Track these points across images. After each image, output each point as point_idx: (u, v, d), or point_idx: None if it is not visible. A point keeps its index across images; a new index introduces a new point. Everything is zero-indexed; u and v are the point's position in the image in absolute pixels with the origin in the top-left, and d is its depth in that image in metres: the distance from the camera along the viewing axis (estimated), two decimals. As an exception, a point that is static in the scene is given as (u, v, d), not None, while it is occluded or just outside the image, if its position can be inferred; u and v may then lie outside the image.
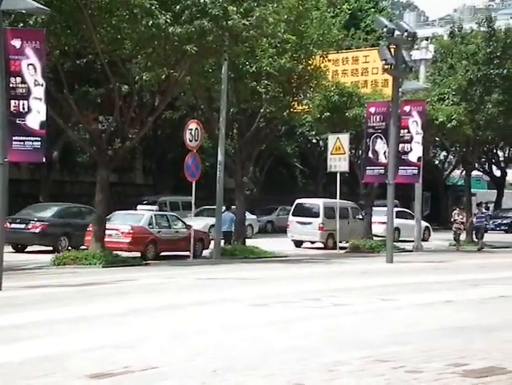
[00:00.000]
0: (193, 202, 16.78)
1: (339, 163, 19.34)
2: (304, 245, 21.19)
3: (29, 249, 17.41)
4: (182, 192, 23.44)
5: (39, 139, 10.26)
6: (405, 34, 15.29)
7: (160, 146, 28.19)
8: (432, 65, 24.67)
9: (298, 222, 20.73)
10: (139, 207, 17.49)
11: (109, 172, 15.22)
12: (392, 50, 15.61)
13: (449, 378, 4.58)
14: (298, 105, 18.90)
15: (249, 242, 18.63)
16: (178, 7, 13.32)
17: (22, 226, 17.21)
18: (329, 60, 18.71)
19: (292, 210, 21.44)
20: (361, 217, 21.33)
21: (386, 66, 15.61)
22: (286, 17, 16.33)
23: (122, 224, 15.98)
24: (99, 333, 6.35)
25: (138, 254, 16.03)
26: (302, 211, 20.89)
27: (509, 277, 12.03)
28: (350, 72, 22.66)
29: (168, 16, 12.89)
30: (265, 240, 20.78)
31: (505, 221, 31.14)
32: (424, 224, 25.32)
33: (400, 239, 22.64)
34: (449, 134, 21.64)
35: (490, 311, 7.83)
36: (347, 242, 20.34)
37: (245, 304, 8.37)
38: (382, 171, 16.24)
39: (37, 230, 17.10)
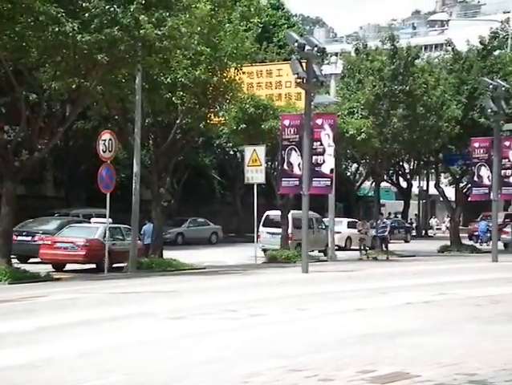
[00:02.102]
0: (107, 214, 16.40)
1: (255, 174, 19.59)
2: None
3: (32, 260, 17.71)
4: (97, 205, 22.82)
5: None
6: (315, 49, 15.77)
7: (73, 157, 27.31)
8: (341, 80, 25.62)
9: (268, 232, 21.64)
10: (93, 220, 17.77)
11: (16, 184, 14.58)
12: (304, 64, 16.05)
13: (358, 384, 4.74)
14: (215, 117, 18.96)
15: (171, 254, 18.49)
16: (87, 15, 13.01)
17: (29, 238, 18.30)
18: (243, 73, 18.92)
19: (262, 221, 22.41)
20: (324, 227, 22.56)
21: (298, 80, 16.01)
22: (199, 29, 16.40)
23: (77, 236, 16.56)
24: (2, 353, 6.02)
25: (93, 266, 16.35)
26: (272, 222, 21.96)
27: (415, 284, 12.63)
28: (264, 85, 23.05)
29: (75, 24, 12.56)
30: (190, 252, 20.71)
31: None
32: (372, 234, 26.94)
33: (352, 248, 23.73)
34: (359, 146, 22.48)
35: (398, 318, 8.18)
36: (312, 251, 21.37)
37: (161, 317, 8.25)
38: (297, 182, 16.59)
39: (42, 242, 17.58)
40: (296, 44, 15.94)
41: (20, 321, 8.10)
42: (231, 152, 31.31)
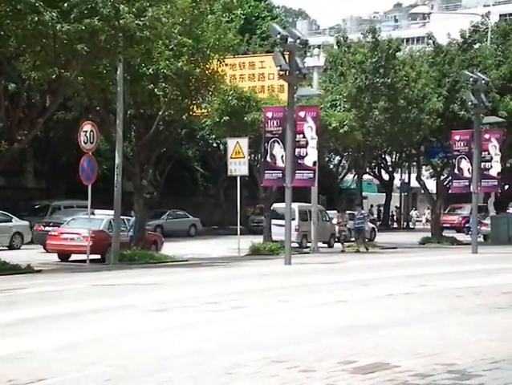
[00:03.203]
0: (88, 206, 16.32)
1: (238, 167, 19.58)
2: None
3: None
4: (78, 196, 22.66)
5: None
6: (298, 41, 15.76)
7: (53, 148, 27.05)
8: (324, 73, 25.66)
9: (275, 224, 21.90)
10: (97, 212, 18.23)
11: (-4, 176, 14.43)
12: (287, 56, 16.02)
13: (339, 375, 4.77)
14: (197, 108, 18.88)
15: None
16: (66, 5, 12.85)
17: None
18: (226, 64, 18.85)
19: (270, 213, 22.80)
20: (328, 219, 23.58)
21: (281, 73, 16.00)
22: (181, 20, 16.29)
23: (83, 228, 16.86)
24: (-18, 347, 5.97)
25: (98, 256, 16.81)
26: (279, 214, 22.18)
27: (396, 276, 12.74)
28: (247, 77, 22.99)
29: (54, 13, 12.39)
30: (169, 244, 20.64)
31: None
32: (370, 225, 28.06)
33: (352, 239, 24.24)
34: (341, 139, 22.56)
35: (379, 310, 8.25)
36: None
37: (143, 310, 8.23)
38: (280, 174, 16.61)
39: None
40: (279, 36, 15.90)
41: (1, 313, 8.02)
42: (214, 144, 31.22)
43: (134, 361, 5.33)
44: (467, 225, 30.71)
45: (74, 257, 17.43)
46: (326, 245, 23.12)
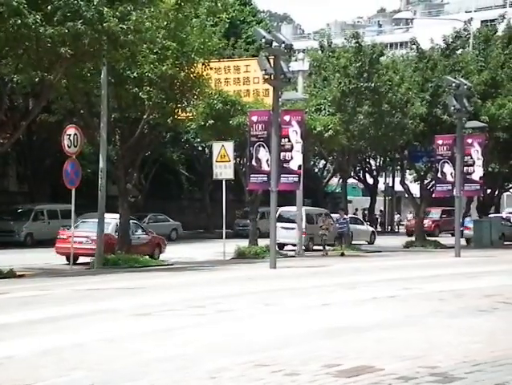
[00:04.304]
0: (72, 210, 16.21)
1: (224, 170, 19.57)
2: (286, 247, 23.36)
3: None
4: (61, 200, 22.49)
5: None
6: (282, 45, 15.82)
7: (36, 152, 26.83)
8: (309, 77, 25.76)
9: (282, 227, 22.33)
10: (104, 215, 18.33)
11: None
12: (272, 61, 16.07)
13: (323, 378, 4.79)
14: (182, 112, 18.84)
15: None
16: (50, 8, 12.77)
17: None
18: (211, 68, 18.85)
19: (277, 217, 22.98)
20: (332, 223, 23.84)
21: (266, 77, 16.04)
22: (165, 23, 16.27)
23: (91, 231, 17.19)
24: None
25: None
26: (286, 217, 22.98)
27: (381, 279, 12.81)
28: (232, 81, 23.00)
29: (38, 16, 12.31)
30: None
31: None
32: (370, 228, 29.14)
33: (353, 243, 24.93)
34: (326, 143, 22.66)
35: (364, 313, 8.28)
36: (320, 245, 22.98)
37: (126, 314, 8.17)
38: (265, 178, 16.63)
39: None
40: (264, 40, 15.94)
41: (-20, 319, 7.92)
42: (199, 148, 31.18)
43: (117, 366, 5.29)
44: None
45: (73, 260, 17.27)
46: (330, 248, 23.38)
